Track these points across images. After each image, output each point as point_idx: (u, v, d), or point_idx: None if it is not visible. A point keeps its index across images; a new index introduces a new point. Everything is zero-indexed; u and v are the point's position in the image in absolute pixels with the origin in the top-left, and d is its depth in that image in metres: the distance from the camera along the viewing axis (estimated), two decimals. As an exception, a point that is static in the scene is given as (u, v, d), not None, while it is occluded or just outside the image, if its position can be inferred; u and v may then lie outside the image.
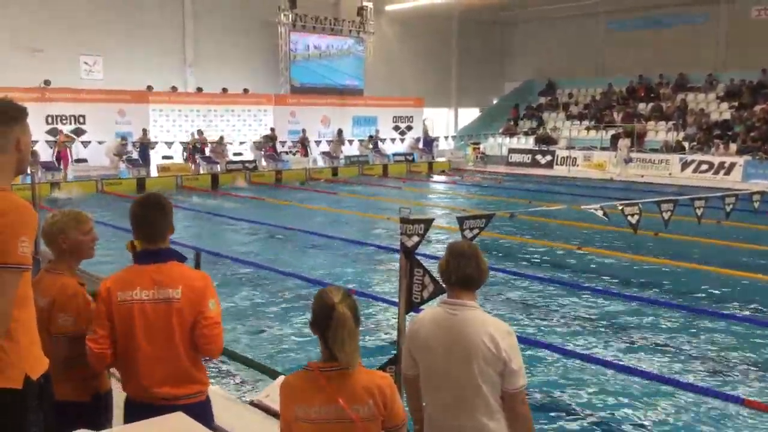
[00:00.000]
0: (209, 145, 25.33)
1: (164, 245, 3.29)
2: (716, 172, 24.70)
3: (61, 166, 21.99)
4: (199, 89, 27.28)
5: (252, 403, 4.83)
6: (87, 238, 3.50)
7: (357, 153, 29.32)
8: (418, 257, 3.87)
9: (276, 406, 4.31)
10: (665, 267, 11.12)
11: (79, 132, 23.37)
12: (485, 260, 3.21)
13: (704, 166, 25.18)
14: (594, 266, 11.38)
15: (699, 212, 5.11)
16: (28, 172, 10.31)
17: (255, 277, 10.68)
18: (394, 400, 2.66)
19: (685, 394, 6.22)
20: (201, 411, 3.20)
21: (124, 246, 3.37)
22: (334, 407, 2.58)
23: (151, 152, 24.23)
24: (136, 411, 3.17)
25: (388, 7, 33.66)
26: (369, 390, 2.61)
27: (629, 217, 4.62)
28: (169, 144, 24.97)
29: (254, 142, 27.04)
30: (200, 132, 25.35)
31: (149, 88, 25.49)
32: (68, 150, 22.47)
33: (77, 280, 3.48)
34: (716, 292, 9.75)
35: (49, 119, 22.72)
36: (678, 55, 31.72)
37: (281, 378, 5.16)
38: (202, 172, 24.40)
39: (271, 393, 4.75)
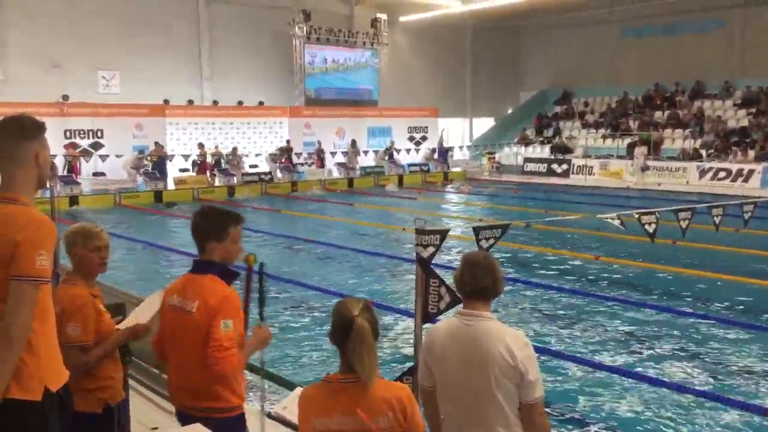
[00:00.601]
0: (222, 157, 25.44)
1: (209, 256, 3.29)
2: (734, 180, 24.47)
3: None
4: (215, 102, 27.49)
5: (269, 416, 4.82)
6: (93, 255, 3.50)
7: (372, 164, 29.42)
8: (434, 268, 3.86)
9: (293, 418, 4.30)
10: (684, 276, 11.02)
11: (96, 146, 23.62)
12: (501, 270, 3.20)
13: (722, 174, 24.96)
14: (611, 276, 11.30)
15: (717, 220, 5.06)
16: (48, 186, 10.45)
17: (271, 288, 10.70)
18: (413, 411, 2.65)
19: (705, 404, 6.15)
20: (225, 428, 3.18)
21: (138, 258, 3.45)
22: (354, 419, 2.56)
23: (169, 165, 24.42)
24: (179, 418, 3.30)
25: (402, 18, 33.77)
26: (389, 402, 2.59)
27: (646, 226, 4.58)
28: (186, 157, 25.14)
29: (270, 155, 27.19)
30: (200, 145, 25.12)
31: (166, 101, 25.73)
32: (78, 164, 22.61)
33: (89, 291, 3.49)
34: (736, 300, 9.64)
35: (68, 134, 22.97)
36: (694, 62, 31.53)
37: (298, 390, 5.15)
38: (218, 184, 24.57)
39: (288, 405, 4.73)
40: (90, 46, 24.90)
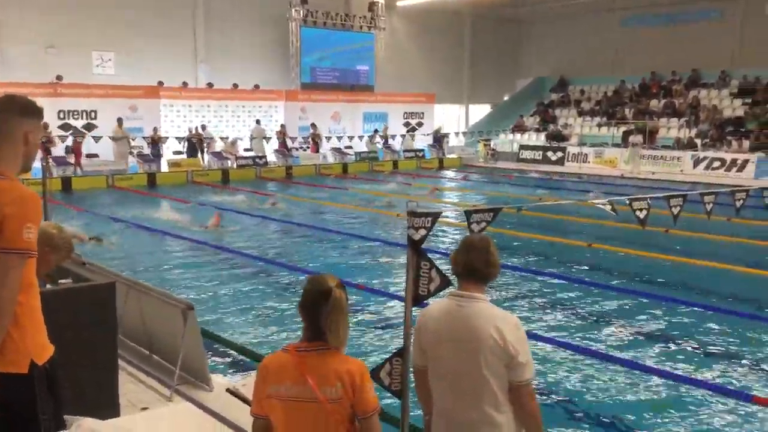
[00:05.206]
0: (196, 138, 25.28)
1: None
2: (728, 169, 24.51)
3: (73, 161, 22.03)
4: (210, 85, 27.35)
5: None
6: (50, 260, 3.53)
7: (365, 149, 29.29)
8: (426, 251, 3.86)
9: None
10: (675, 264, 11.06)
11: (90, 127, 23.46)
12: (497, 254, 3.20)
13: (716, 163, 25.00)
14: (604, 263, 11.32)
15: (708, 208, 5.05)
16: (40, 165, 10.41)
17: (264, 272, 10.71)
18: (363, 387, 2.70)
19: (694, 390, 6.19)
20: None
21: (130, 238, 3.40)
22: (303, 387, 2.66)
23: (163, 147, 24.29)
24: None
25: (400, 3, 33.59)
26: (338, 374, 2.68)
27: (637, 212, 4.57)
28: (180, 140, 25.01)
29: (251, 133, 26.79)
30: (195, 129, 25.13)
31: (160, 83, 25.58)
32: (81, 145, 22.48)
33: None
34: (726, 289, 9.68)
35: (61, 114, 22.84)
36: (691, 51, 31.49)
37: None
38: (212, 167, 24.51)
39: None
40: (85, 27, 24.71)
